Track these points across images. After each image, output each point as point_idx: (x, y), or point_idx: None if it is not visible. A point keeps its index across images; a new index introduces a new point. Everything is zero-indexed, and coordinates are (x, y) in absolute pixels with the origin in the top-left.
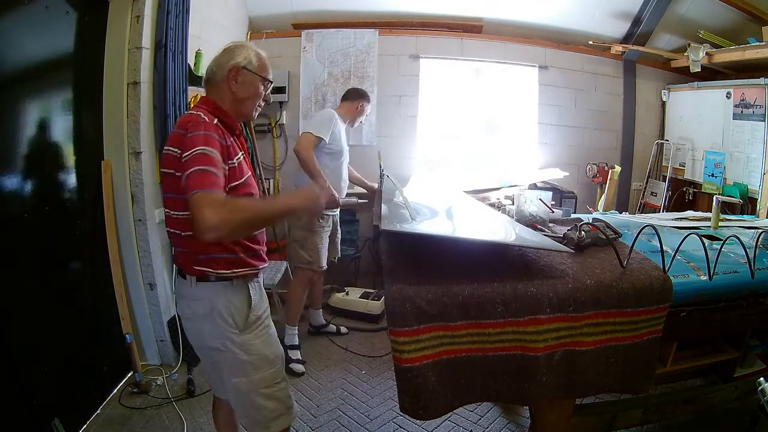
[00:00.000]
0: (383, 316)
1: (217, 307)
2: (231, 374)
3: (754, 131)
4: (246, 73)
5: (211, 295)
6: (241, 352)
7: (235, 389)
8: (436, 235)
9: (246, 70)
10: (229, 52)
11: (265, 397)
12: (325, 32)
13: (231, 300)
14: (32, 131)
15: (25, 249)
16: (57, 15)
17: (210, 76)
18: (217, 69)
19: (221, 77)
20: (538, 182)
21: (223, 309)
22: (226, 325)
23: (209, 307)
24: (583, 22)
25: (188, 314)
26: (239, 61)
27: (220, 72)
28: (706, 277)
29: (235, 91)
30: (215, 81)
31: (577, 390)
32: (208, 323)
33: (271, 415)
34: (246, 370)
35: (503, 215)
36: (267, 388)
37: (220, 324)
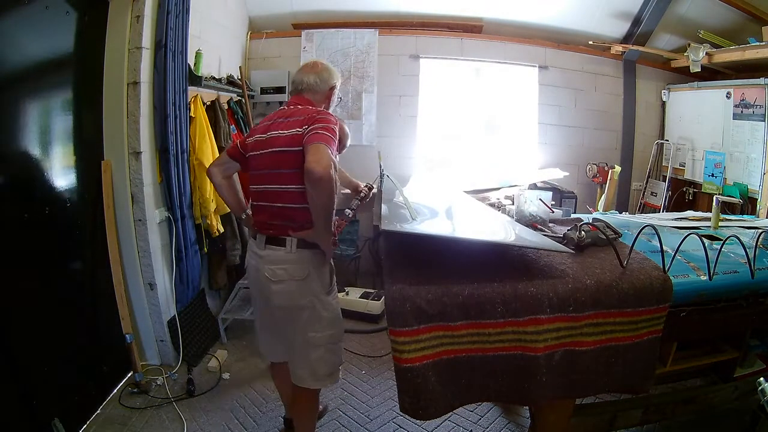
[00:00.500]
0: (383, 316)
1: (314, 271)
2: (309, 329)
3: (754, 131)
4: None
5: (309, 259)
6: (323, 309)
7: (307, 343)
8: (436, 235)
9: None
10: (328, 71)
11: (330, 352)
12: (325, 32)
13: (322, 268)
14: (32, 131)
15: (25, 249)
16: (57, 15)
17: (311, 87)
18: (321, 83)
19: (322, 91)
20: (538, 182)
21: (316, 272)
22: (317, 286)
23: (307, 270)
24: (583, 22)
25: (283, 276)
26: (336, 82)
27: (323, 86)
28: (706, 277)
29: (326, 106)
30: (315, 91)
31: (577, 390)
32: (303, 284)
33: (329, 369)
34: (323, 325)
35: (503, 215)
36: (333, 344)
37: (312, 284)
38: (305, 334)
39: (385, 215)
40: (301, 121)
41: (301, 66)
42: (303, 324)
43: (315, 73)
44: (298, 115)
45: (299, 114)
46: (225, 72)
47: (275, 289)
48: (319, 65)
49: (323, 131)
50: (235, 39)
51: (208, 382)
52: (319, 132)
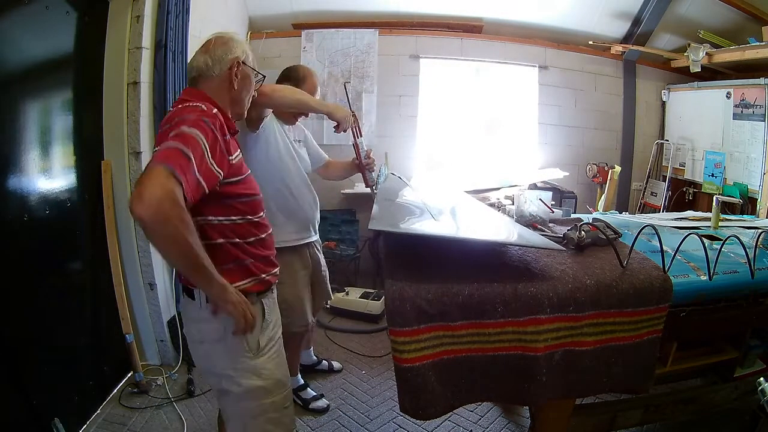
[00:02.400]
0: (383, 316)
1: (231, 330)
2: (239, 399)
3: (754, 131)
4: (244, 68)
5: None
6: (255, 377)
7: (240, 414)
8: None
9: (244, 64)
10: (224, 44)
11: (273, 423)
12: (325, 32)
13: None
14: (32, 131)
15: (25, 249)
16: (57, 15)
17: (203, 72)
18: (214, 63)
19: (220, 72)
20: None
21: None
22: (240, 349)
23: (222, 330)
24: (583, 22)
25: (198, 338)
26: (238, 54)
27: (219, 66)
28: (706, 277)
29: (237, 87)
30: (210, 76)
31: (577, 390)
32: (220, 347)
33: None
34: (258, 395)
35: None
36: (276, 412)
37: (233, 348)
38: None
39: (377, 215)
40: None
41: None
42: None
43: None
44: (167, 120)
45: (169, 117)
46: None
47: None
48: (213, 40)
49: (171, 140)
50: None
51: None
52: (165, 144)
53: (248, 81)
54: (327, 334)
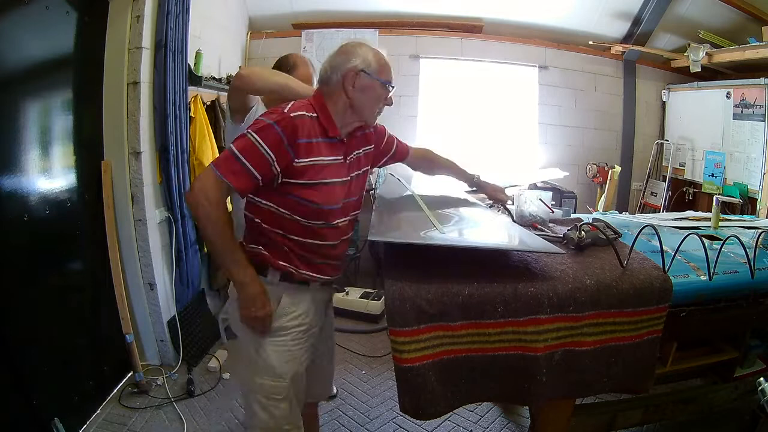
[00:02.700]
0: (383, 316)
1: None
2: (242, 363)
3: (754, 131)
4: (364, 78)
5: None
6: (252, 348)
7: (240, 380)
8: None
9: (364, 73)
10: (344, 53)
11: (260, 406)
12: (325, 32)
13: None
14: (32, 131)
15: (25, 249)
16: (57, 15)
17: (324, 79)
18: (332, 72)
19: (336, 81)
20: (538, 182)
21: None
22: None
23: (237, 294)
24: (583, 22)
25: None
26: (357, 64)
27: (335, 75)
28: (706, 277)
29: (352, 96)
30: (329, 84)
31: (577, 390)
32: (235, 306)
33: (259, 424)
34: (251, 367)
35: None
36: (264, 397)
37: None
38: (240, 369)
39: (376, 224)
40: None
41: None
42: (241, 356)
43: (328, 60)
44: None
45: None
46: (225, 72)
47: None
48: (340, 47)
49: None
50: (235, 39)
51: (208, 382)
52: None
53: (371, 91)
54: None
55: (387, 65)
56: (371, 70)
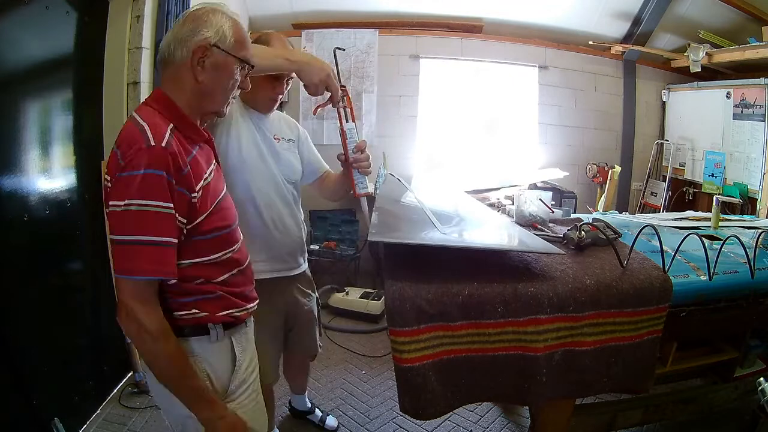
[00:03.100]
0: (383, 316)
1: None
2: None
3: (754, 131)
4: (217, 54)
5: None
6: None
7: None
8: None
9: (217, 48)
10: (194, 20)
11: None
12: (325, 32)
13: (209, 362)
14: (32, 131)
15: (25, 249)
16: (57, 15)
17: (165, 57)
18: (177, 45)
19: (181, 59)
20: (538, 182)
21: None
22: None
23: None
24: (583, 22)
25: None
26: (208, 35)
27: (181, 50)
28: (706, 277)
29: (202, 80)
30: (173, 63)
31: (577, 390)
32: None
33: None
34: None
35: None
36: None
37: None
38: None
39: (376, 225)
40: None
41: None
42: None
43: (173, 30)
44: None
45: (118, 137)
46: None
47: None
48: (190, 14)
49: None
50: None
51: None
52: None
53: (225, 71)
54: (327, 334)
55: (245, 38)
56: (226, 45)
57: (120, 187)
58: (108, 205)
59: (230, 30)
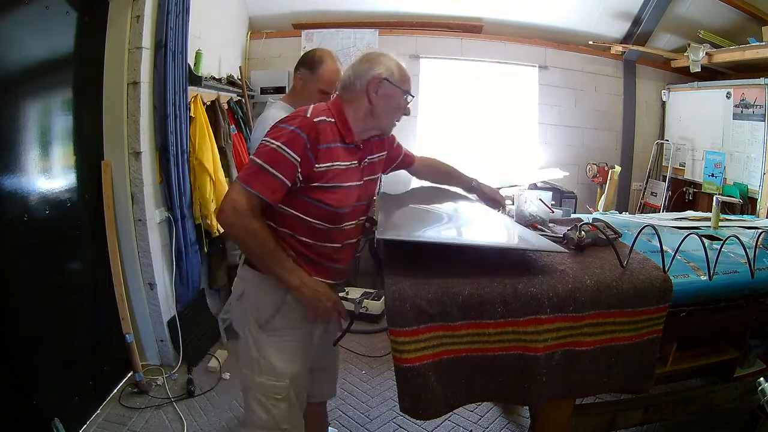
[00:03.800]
0: (383, 316)
1: (247, 295)
2: (243, 362)
3: (754, 131)
4: (387, 86)
5: (247, 279)
6: (254, 347)
7: (241, 378)
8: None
9: (387, 82)
10: (368, 61)
11: (260, 405)
12: (325, 32)
13: (261, 294)
14: (32, 131)
15: (25, 249)
16: (57, 15)
17: (346, 85)
18: (356, 78)
19: (359, 88)
20: (538, 182)
21: (252, 298)
22: (249, 315)
23: (241, 291)
24: (583, 22)
25: (233, 291)
26: (381, 72)
27: (358, 82)
28: (706, 277)
29: (375, 104)
30: (352, 90)
31: (577, 390)
32: (238, 305)
33: (257, 422)
34: (251, 366)
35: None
36: (264, 396)
37: (245, 310)
38: (242, 367)
39: (384, 223)
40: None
41: None
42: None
43: (351, 67)
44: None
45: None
46: (225, 72)
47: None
48: (363, 55)
49: (260, 159)
50: (235, 39)
51: (208, 382)
52: (251, 164)
53: (392, 100)
54: None
55: (408, 76)
56: (394, 80)
57: (274, 131)
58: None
59: (396, 69)
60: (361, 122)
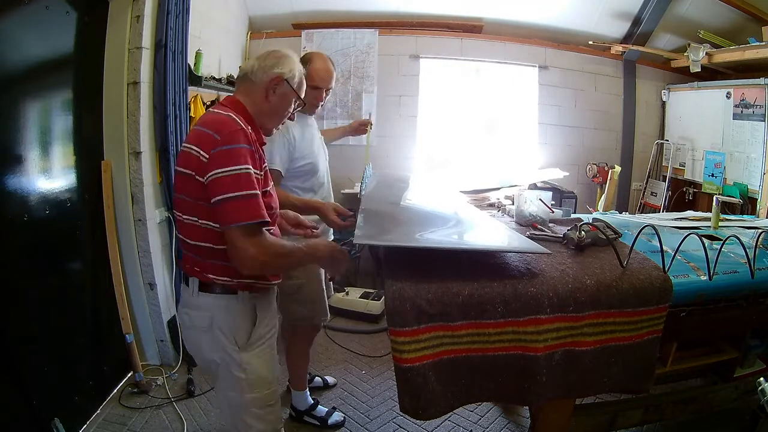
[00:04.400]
0: (383, 316)
1: (218, 322)
2: (225, 388)
3: (754, 131)
4: (285, 87)
5: (212, 307)
6: (238, 370)
7: (227, 403)
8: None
9: (287, 83)
10: (275, 58)
11: (255, 418)
12: (325, 32)
13: (234, 316)
14: (32, 131)
15: (25, 250)
16: (57, 15)
17: (247, 75)
18: (259, 71)
19: (260, 81)
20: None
21: (224, 324)
22: (225, 341)
23: (209, 321)
24: (583, 22)
25: (187, 323)
26: (284, 71)
27: (262, 76)
28: (706, 277)
29: (271, 101)
30: (251, 82)
31: (577, 390)
32: (206, 336)
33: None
34: (240, 387)
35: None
36: (259, 409)
37: (219, 338)
38: (223, 393)
39: (362, 227)
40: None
41: None
42: (218, 380)
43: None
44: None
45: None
46: (225, 72)
47: (185, 335)
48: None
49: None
50: (235, 39)
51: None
52: (235, 200)
53: (286, 101)
54: (327, 333)
55: (304, 83)
56: (293, 82)
57: (223, 158)
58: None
59: (298, 73)
60: (258, 117)
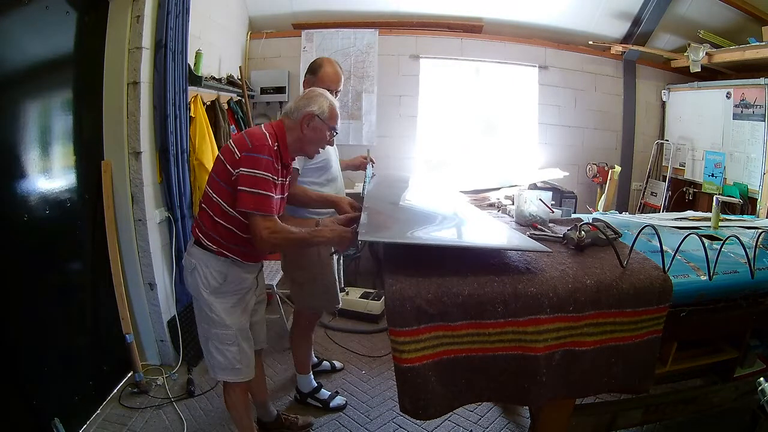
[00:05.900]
0: (383, 316)
1: (198, 267)
2: (200, 320)
3: (754, 131)
4: (317, 121)
5: (196, 256)
6: (206, 308)
7: (201, 333)
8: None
9: (318, 118)
10: (308, 98)
11: (216, 350)
12: (325, 32)
13: (208, 266)
14: (32, 131)
15: (26, 250)
16: (57, 15)
17: (288, 113)
18: (295, 110)
19: (296, 118)
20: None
21: (200, 269)
22: (200, 283)
23: (192, 266)
24: (583, 22)
25: (185, 265)
26: (314, 109)
27: (296, 114)
28: (706, 277)
29: (305, 133)
30: (291, 119)
31: (577, 390)
32: (191, 276)
33: (218, 365)
34: (208, 321)
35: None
36: (219, 344)
37: (197, 279)
38: (200, 324)
39: (366, 224)
40: (240, 139)
41: None
42: (197, 313)
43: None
44: (236, 143)
45: (247, 133)
46: (225, 72)
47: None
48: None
49: (257, 188)
50: (235, 39)
51: (208, 382)
52: (254, 195)
53: (320, 132)
54: (327, 333)
55: (337, 114)
56: (324, 117)
57: (253, 162)
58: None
59: (328, 108)
60: (293, 146)
